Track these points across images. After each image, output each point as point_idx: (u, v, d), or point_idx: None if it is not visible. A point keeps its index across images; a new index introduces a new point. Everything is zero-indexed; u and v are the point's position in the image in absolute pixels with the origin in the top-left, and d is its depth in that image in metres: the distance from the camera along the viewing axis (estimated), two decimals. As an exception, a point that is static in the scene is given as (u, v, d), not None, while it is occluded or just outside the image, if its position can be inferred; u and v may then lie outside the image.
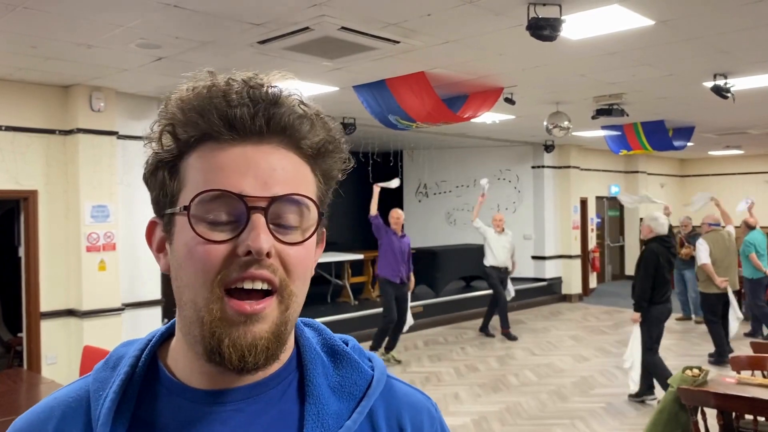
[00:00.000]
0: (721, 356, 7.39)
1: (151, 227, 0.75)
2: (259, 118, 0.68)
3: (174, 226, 0.70)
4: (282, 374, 0.75)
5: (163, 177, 0.72)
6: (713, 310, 7.56)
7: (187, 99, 0.70)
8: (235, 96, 0.69)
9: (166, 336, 0.78)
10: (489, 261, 9.25)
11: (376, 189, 7.57)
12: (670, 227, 6.16)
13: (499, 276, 9.24)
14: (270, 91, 0.70)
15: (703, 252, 7.57)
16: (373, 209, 7.55)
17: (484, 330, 9.50)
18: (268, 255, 0.67)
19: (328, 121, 0.75)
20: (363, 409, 0.75)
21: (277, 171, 0.69)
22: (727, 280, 7.48)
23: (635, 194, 14.98)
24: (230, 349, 0.66)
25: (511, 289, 9.51)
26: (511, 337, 9.17)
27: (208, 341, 0.67)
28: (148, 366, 0.75)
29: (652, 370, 5.90)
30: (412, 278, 7.82)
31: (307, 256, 0.71)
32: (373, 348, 7.45)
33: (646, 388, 6.02)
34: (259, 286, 0.67)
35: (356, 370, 0.79)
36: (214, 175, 0.68)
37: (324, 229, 0.79)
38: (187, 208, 0.68)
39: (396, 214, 7.74)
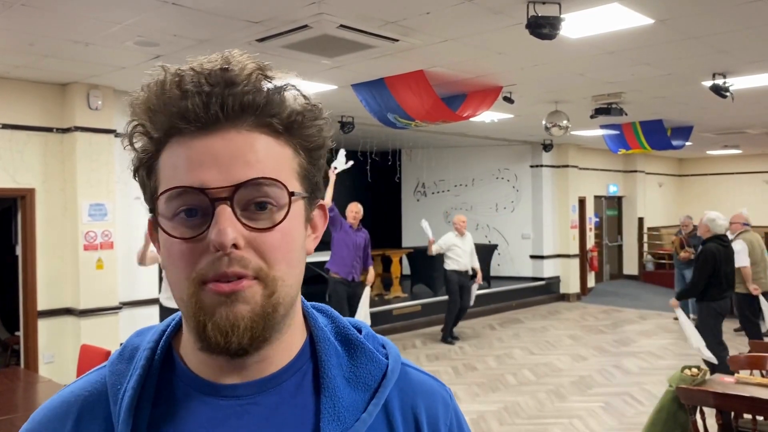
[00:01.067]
0: None
1: (150, 226, 0.74)
2: (213, 105, 0.65)
3: (158, 226, 0.70)
4: (296, 365, 0.74)
5: (142, 177, 0.71)
6: (753, 311, 7.13)
7: (145, 98, 0.68)
8: (189, 86, 0.66)
9: (180, 325, 0.77)
10: (450, 265, 8.68)
11: (332, 175, 6.67)
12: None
13: (460, 281, 8.72)
14: (222, 73, 0.67)
15: (743, 254, 7.10)
16: (328, 199, 6.60)
17: (446, 339, 8.95)
18: (236, 246, 0.65)
19: (300, 90, 0.71)
20: (378, 400, 0.74)
21: (240, 156, 0.66)
22: (757, 288, 7.11)
23: (633, 193, 15.00)
24: (213, 331, 0.65)
25: (473, 295, 9.02)
26: (448, 341, 8.85)
27: (195, 330, 0.67)
28: (164, 357, 0.74)
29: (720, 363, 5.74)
30: (371, 271, 7.36)
31: (284, 238, 0.68)
32: None
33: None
34: (234, 279, 0.66)
35: (371, 359, 0.77)
36: (178, 171, 0.66)
37: (319, 207, 0.76)
38: (153, 210, 0.68)
39: (355, 208, 7.16)
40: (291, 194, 0.68)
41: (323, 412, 0.71)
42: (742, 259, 7.07)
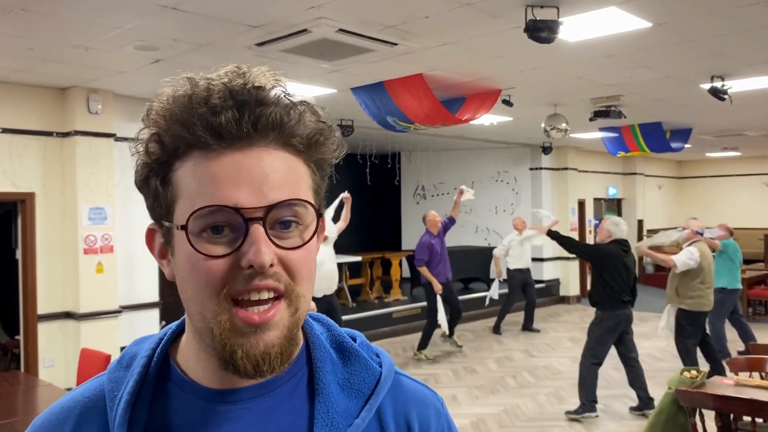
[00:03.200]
0: None
1: (150, 234, 0.75)
2: (246, 122, 0.66)
3: (173, 239, 0.70)
4: (292, 370, 0.75)
5: (155, 186, 0.71)
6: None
7: (170, 109, 0.68)
8: (218, 101, 0.66)
9: (178, 333, 0.79)
10: (513, 264, 9.61)
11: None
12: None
13: (524, 278, 9.67)
14: (253, 90, 0.68)
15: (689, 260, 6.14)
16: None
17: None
18: (271, 265, 0.66)
19: (317, 109, 0.73)
20: (371, 406, 0.75)
21: (270, 176, 0.67)
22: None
23: (633, 195, 15.02)
24: (244, 360, 0.67)
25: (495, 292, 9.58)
26: (529, 330, 9.62)
27: (221, 352, 0.68)
28: (161, 365, 0.75)
29: (583, 381, 5.65)
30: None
31: (308, 256, 0.71)
32: None
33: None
34: (265, 296, 0.67)
35: (365, 366, 0.79)
36: (208, 187, 0.66)
37: (322, 218, 0.78)
38: (184, 227, 0.67)
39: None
40: (319, 215, 0.71)
41: (317, 417, 0.73)
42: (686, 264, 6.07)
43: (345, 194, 6.78)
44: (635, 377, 5.79)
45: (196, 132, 0.67)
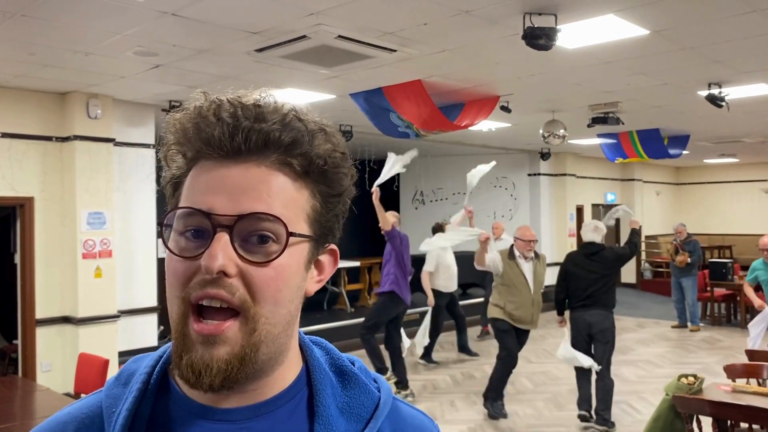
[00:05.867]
0: None
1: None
2: (238, 137, 0.68)
3: (162, 239, 0.73)
4: (291, 392, 0.75)
5: (169, 192, 0.75)
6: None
7: (179, 120, 0.71)
8: (224, 115, 0.69)
9: None
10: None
11: (375, 198, 6.92)
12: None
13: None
14: (255, 107, 0.69)
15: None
16: (383, 223, 7.06)
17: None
18: (227, 274, 0.66)
19: (332, 135, 0.73)
20: (371, 431, 0.75)
21: (252, 189, 0.68)
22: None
23: (631, 201, 15.04)
24: (187, 368, 0.67)
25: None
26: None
27: (174, 357, 0.69)
28: (159, 382, 0.75)
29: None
30: None
31: (277, 276, 0.68)
32: None
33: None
34: (217, 304, 0.67)
35: (364, 391, 0.78)
36: (194, 193, 0.69)
37: (329, 251, 0.77)
38: (161, 223, 0.71)
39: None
40: (289, 234, 0.68)
41: None
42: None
43: (468, 207, 6.72)
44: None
45: (199, 143, 0.70)
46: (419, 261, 10.58)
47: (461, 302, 11.01)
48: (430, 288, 7.81)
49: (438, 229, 8.12)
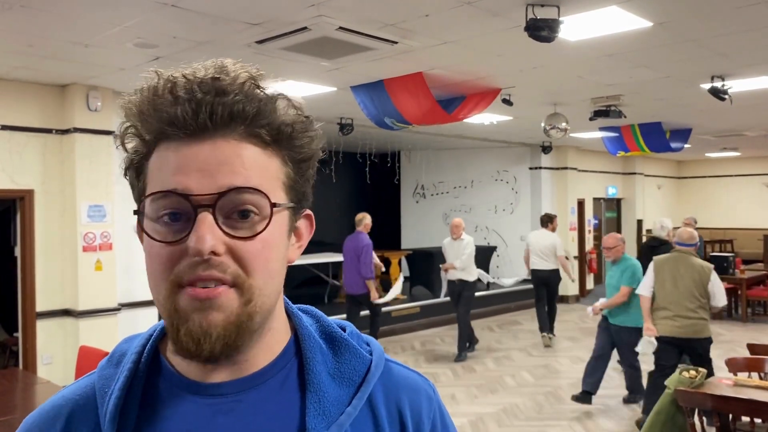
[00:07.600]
0: None
1: (138, 226, 0.76)
2: (203, 113, 0.66)
3: (141, 227, 0.71)
4: (280, 363, 0.75)
5: (132, 178, 0.74)
6: None
7: (137, 101, 0.69)
8: (182, 93, 0.67)
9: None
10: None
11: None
12: None
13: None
14: (212, 81, 0.68)
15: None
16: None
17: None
18: (215, 253, 0.65)
19: (293, 100, 0.72)
20: (362, 394, 0.75)
21: (225, 164, 0.67)
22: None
23: (632, 195, 15.02)
24: (186, 337, 0.66)
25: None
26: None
27: (170, 333, 0.68)
28: (151, 360, 0.76)
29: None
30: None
31: (265, 248, 0.68)
32: None
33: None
34: (211, 285, 0.66)
35: (355, 355, 0.79)
36: (165, 175, 0.68)
37: (305, 216, 0.78)
38: (138, 212, 0.70)
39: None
40: (273, 205, 0.68)
41: (309, 407, 0.73)
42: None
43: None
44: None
45: (160, 123, 0.68)
46: (428, 255, 10.57)
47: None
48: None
49: (547, 220, 8.79)
